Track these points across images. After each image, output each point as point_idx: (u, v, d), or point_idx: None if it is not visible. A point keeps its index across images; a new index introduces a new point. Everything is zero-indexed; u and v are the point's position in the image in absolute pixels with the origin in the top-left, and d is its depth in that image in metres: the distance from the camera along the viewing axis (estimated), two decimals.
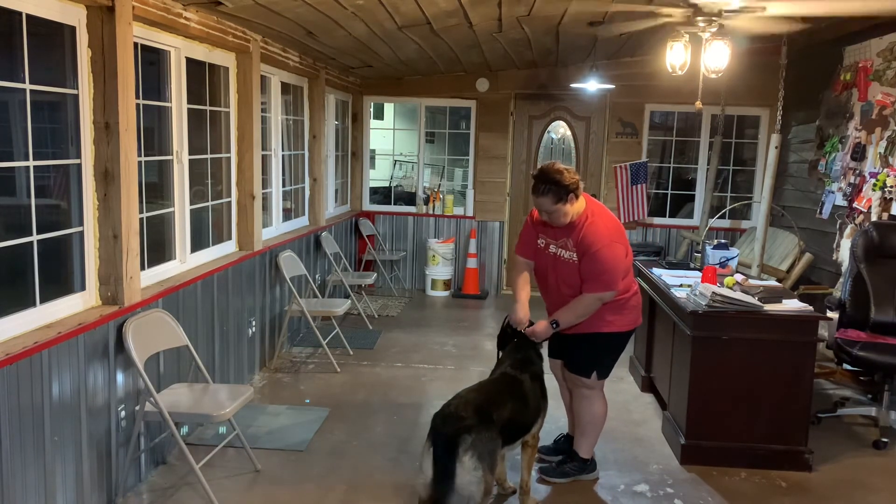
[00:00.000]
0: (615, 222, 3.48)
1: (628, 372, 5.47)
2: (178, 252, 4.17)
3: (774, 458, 3.85)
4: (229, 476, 3.63)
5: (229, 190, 4.89)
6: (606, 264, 3.34)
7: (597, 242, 3.34)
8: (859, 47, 5.72)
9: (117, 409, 3.29)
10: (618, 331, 3.56)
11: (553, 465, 3.75)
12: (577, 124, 8.09)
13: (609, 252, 3.34)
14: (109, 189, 3.22)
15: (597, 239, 3.34)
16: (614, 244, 3.37)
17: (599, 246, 3.33)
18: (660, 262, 5.23)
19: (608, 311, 3.48)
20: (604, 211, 3.50)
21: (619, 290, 3.44)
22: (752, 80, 6.92)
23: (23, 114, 2.83)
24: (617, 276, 3.39)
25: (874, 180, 5.20)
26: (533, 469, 3.45)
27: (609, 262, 3.34)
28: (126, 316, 3.30)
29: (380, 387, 5.00)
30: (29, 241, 2.89)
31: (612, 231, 3.40)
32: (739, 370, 3.83)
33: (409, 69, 7.35)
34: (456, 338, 6.30)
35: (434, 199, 8.28)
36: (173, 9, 3.64)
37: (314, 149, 6.59)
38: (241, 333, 4.83)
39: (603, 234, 3.36)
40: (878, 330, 4.45)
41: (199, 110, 4.42)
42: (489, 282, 8.26)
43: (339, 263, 6.99)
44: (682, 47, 4.71)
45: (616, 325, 3.54)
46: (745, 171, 7.96)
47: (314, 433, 4.15)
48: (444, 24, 4.78)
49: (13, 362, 2.59)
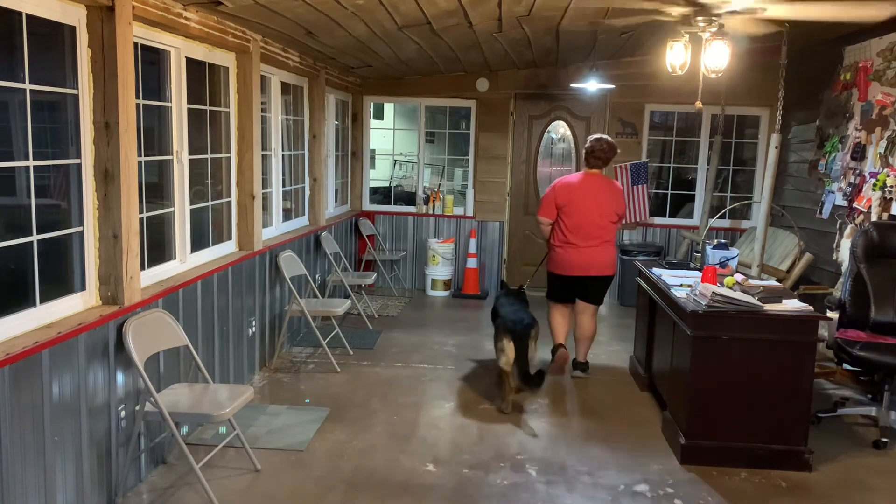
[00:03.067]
0: (563, 182, 5.20)
1: (628, 372, 5.47)
2: (178, 252, 4.17)
3: (774, 458, 3.85)
4: (229, 476, 3.63)
5: (229, 190, 4.89)
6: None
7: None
8: (859, 47, 5.72)
9: (117, 408, 3.29)
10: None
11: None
12: (577, 124, 8.09)
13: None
14: (109, 189, 3.23)
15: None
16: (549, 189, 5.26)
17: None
18: (660, 262, 5.23)
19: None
20: (577, 176, 5.26)
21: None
22: (752, 80, 6.92)
23: (23, 114, 2.83)
24: (540, 208, 5.24)
25: (874, 180, 5.20)
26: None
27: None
28: (126, 316, 3.30)
29: (380, 387, 5.00)
30: (29, 241, 2.89)
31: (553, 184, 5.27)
32: (739, 370, 3.83)
33: (409, 69, 7.35)
34: (456, 338, 6.30)
35: (434, 199, 8.28)
36: (173, 9, 3.64)
37: (314, 149, 6.59)
38: (241, 333, 4.83)
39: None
40: (878, 330, 4.45)
41: (199, 110, 4.42)
42: (489, 282, 8.26)
43: (339, 263, 6.99)
44: (682, 47, 4.71)
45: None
46: (745, 171, 7.96)
47: (314, 433, 4.15)
48: (444, 24, 4.78)
49: (13, 362, 2.60)
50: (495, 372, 4.85)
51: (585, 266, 5.05)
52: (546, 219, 5.17)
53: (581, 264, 5.05)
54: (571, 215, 5.04)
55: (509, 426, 4.37)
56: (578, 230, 5.03)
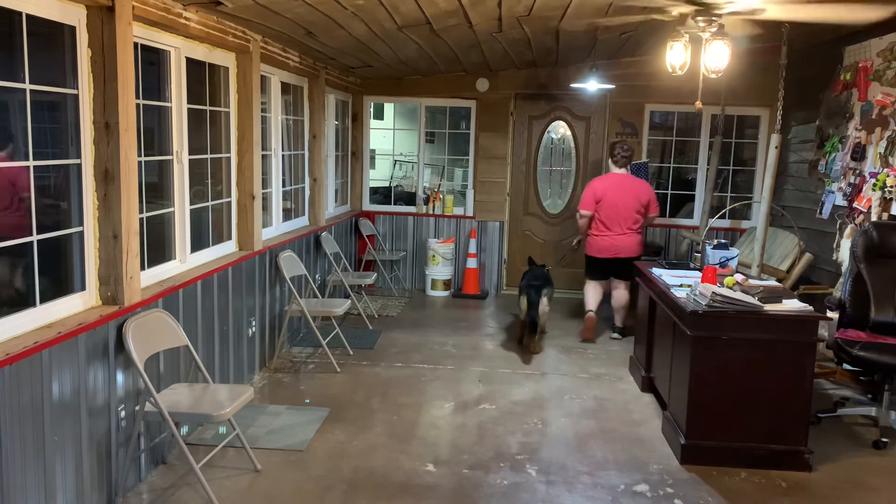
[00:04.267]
0: (598, 182, 6.32)
1: (628, 372, 5.48)
2: (178, 252, 4.17)
3: (774, 458, 3.85)
4: (229, 476, 3.63)
5: (229, 190, 4.89)
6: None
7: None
8: (859, 47, 5.72)
9: (117, 408, 3.29)
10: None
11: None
12: (577, 124, 8.09)
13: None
14: (109, 189, 3.23)
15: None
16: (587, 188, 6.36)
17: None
18: (660, 262, 5.24)
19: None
20: (609, 177, 6.35)
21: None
22: (752, 80, 6.92)
23: (23, 114, 2.83)
24: (581, 203, 6.31)
25: (874, 180, 5.20)
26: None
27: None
28: (126, 316, 3.30)
29: (380, 387, 5.00)
30: (29, 241, 2.89)
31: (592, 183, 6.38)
32: (739, 370, 3.83)
33: (409, 69, 7.35)
34: (456, 338, 6.30)
35: (434, 199, 8.28)
36: (173, 9, 3.64)
37: (314, 149, 6.59)
38: (241, 333, 4.83)
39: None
40: (878, 330, 4.45)
41: (199, 110, 4.42)
42: (489, 282, 8.26)
43: (339, 263, 6.99)
44: (682, 47, 4.71)
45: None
46: (745, 171, 7.96)
47: (314, 433, 4.15)
48: (444, 24, 4.78)
49: (13, 362, 2.60)
50: (517, 323, 6.43)
51: (615, 250, 6.19)
52: (587, 212, 6.22)
53: (612, 248, 6.21)
54: (604, 209, 6.17)
55: (509, 426, 4.37)
56: (610, 221, 6.17)
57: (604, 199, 6.16)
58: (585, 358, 5.85)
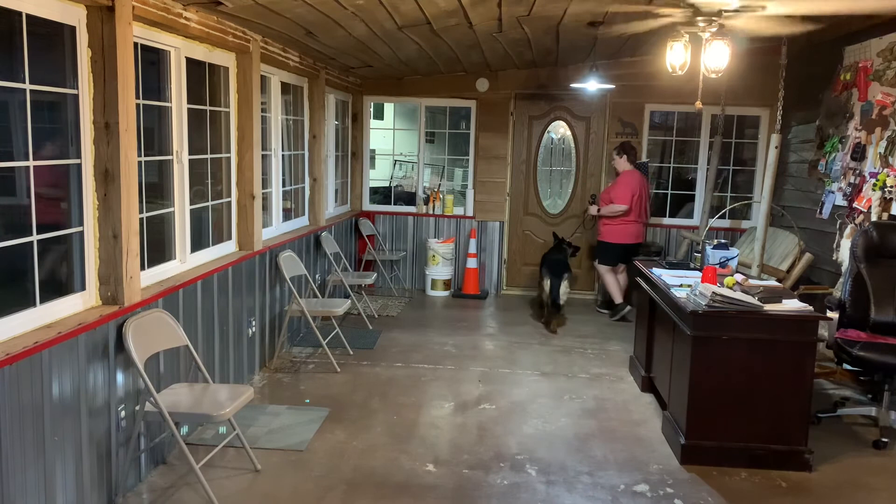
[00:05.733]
0: (631, 177, 7.11)
1: (628, 372, 5.48)
2: (178, 252, 4.17)
3: (774, 458, 3.85)
4: (229, 476, 3.63)
5: (229, 190, 4.89)
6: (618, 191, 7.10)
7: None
8: (859, 47, 5.72)
9: (117, 408, 3.29)
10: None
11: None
12: (577, 124, 8.09)
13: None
14: (109, 189, 3.23)
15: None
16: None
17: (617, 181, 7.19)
18: (660, 262, 5.23)
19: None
20: (633, 173, 7.15)
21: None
22: (752, 80, 6.92)
23: (23, 114, 2.83)
24: (623, 198, 7.01)
25: (874, 180, 5.20)
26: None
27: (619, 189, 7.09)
28: (126, 316, 3.30)
29: (380, 387, 5.00)
30: (29, 241, 2.89)
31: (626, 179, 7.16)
32: (739, 370, 3.83)
33: (409, 69, 7.35)
34: (456, 338, 6.30)
35: (434, 199, 8.27)
36: (173, 9, 3.64)
37: (314, 149, 6.59)
38: (240, 333, 4.83)
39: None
40: (878, 330, 4.45)
41: (199, 110, 4.42)
42: (489, 282, 8.26)
43: (339, 263, 6.99)
44: (682, 47, 4.71)
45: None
46: (745, 171, 7.96)
47: (314, 433, 4.15)
48: (444, 24, 4.78)
49: (13, 362, 2.60)
50: (537, 300, 7.41)
51: (638, 235, 7.18)
52: (626, 206, 6.95)
53: (640, 234, 7.20)
54: (636, 201, 7.03)
55: (509, 426, 4.37)
56: (638, 210, 7.05)
57: (637, 192, 7.01)
58: (585, 358, 5.85)
